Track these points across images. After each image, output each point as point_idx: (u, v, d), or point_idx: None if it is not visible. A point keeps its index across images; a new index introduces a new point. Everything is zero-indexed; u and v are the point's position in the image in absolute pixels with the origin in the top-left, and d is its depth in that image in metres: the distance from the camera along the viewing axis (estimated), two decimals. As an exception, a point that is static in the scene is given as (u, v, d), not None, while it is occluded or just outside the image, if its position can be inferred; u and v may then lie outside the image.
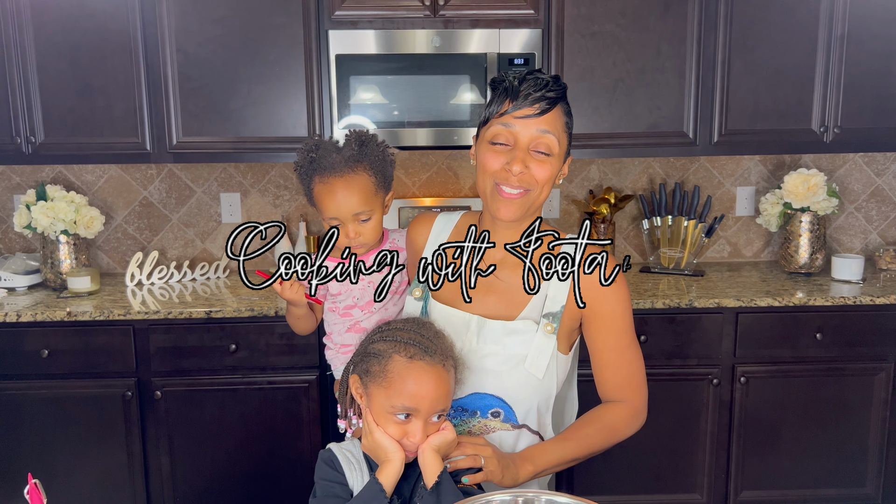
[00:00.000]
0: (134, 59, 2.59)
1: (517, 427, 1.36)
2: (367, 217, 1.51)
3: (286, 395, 2.53)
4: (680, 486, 2.67)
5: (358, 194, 1.48)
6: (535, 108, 1.25)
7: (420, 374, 1.16)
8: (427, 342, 1.20)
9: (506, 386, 1.33)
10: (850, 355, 2.58)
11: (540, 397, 1.35)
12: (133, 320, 2.47)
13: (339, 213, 1.49)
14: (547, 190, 1.31)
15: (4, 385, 2.48)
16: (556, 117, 1.28)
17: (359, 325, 1.62)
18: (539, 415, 1.37)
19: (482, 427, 1.36)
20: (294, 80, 2.62)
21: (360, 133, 1.53)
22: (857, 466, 2.66)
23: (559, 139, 1.29)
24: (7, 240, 3.04)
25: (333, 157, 1.49)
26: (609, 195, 2.96)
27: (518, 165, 1.26)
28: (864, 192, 3.13)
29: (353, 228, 1.51)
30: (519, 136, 1.27)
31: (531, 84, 1.26)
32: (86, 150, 2.65)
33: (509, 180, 1.27)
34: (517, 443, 1.37)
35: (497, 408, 1.35)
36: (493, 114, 1.30)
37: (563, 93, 1.29)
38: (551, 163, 1.29)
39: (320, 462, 1.24)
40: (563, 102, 1.30)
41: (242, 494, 2.58)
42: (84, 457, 2.53)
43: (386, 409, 1.17)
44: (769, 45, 2.66)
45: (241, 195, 3.04)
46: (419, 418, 1.16)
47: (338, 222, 1.51)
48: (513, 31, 2.58)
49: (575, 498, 0.93)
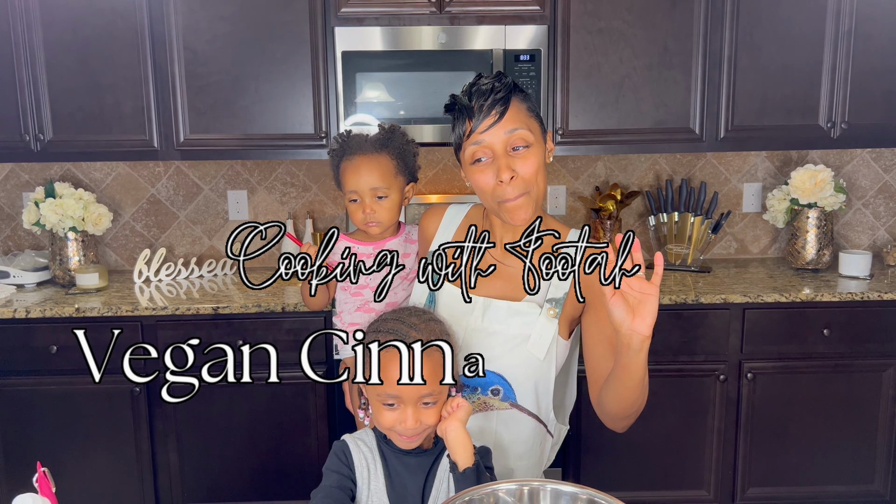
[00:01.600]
0: (142, 57, 2.60)
1: (514, 406, 1.39)
2: (384, 195, 1.67)
3: (293, 391, 2.54)
4: (687, 483, 2.66)
5: (378, 171, 1.65)
6: (494, 115, 1.29)
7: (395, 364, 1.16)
8: (407, 329, 1.19)
9: (507, 364, 1.37)
10: (857, 352, 2.58)
11: (539, 377, 1.38)
12: (141, 316, 2.48)
13: (358, 185, 1.66)
14: (541, 178, 1.34)
15: (14, 381, 2.50)
16: (516, 111, 1.31)
17: (368, 305, 1.72)
18: (537, 396, 1.39)
19: (481, 404, 1.40)
20: (301, 77, 2.63)
21: (390, 124, 1.73)
22: (865, 463, 2.65)
23: (529, 127, 1.32)
24: (16, 237, 3.06)
25: (362, 139, 1.68)
26: (615, 192, 2.95)
27: (505, 173, 1.29)
28: (872, 187, 3.12)
29: (369, 204, 1.66)
30: (493, 145, 1.30)
31: (479, 95, 1.30)
32: (94, 147, 2.66)
33: (506, 192, 1.30)
34: (512, 424, 1.40)
35: (497, 385, 1.38)
36: (461, 137, 1.34)
37: (510, 86, 1.32)
38: (533, 153, 1.31)
39: (331, 452, 1.25)
40: (516, 92, 1.33)
41: (250, 490, 2.59)
42: (93, 453, 2.55)
43: (375, 398, 1.20)
44: (776, 40, 2.65)
45: (249, 192, 3.05)
46: (406, 405, 1.17)
47: (356, 196, 1.66)
48: (519, 27, 2.58)
49: (580, 486, 0.94)
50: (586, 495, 0.94)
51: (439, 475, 1.23)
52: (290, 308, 2.49)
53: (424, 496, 1.22)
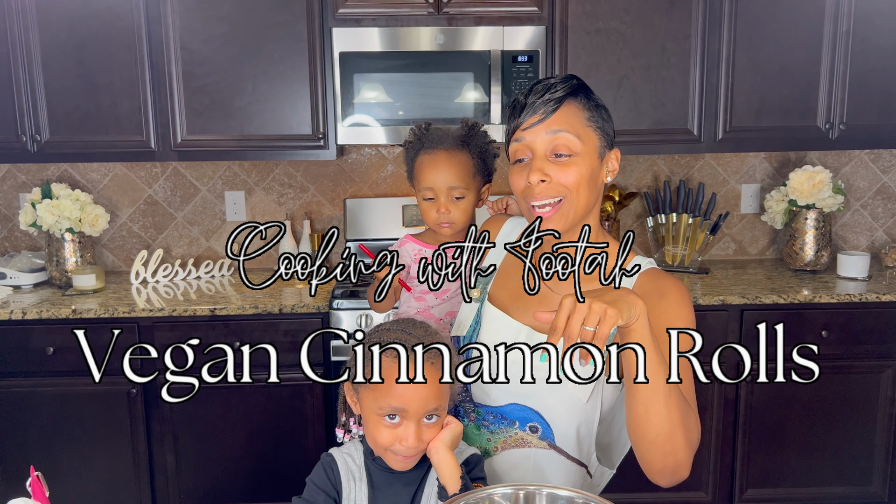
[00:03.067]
0: (138, 58, 2.59)
1: (552, 447, 1.28)
2: (462, 195, 1.59)
3: (291, 393, 2.53)
4: (685, 484, 2.64)
5: (457, 169, 1.57)
6: (541, 113, 1.20)
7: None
8: (413, 340, 1.14)
9: (546, 403, 1.26)
10: (856, 353, 2.57)
11: (581, 420, 1.26)
12: (138, 318, 2.47)
13: (435, 183, 1.58)
14: (585, 193, 1.21)
15: (10, 382, 2.49)
16: (569, 114, 1.20)
17: (429, 311, 1.65)
18: (579, 439, 1.27)
19: (518, 440, 1.29)
20: (298, 77, 2.62)
21: (472, 120, 1.64)
22: (863, 464, 2.65)
23: (580, 135, 1.20)
24: (13, 238, 3.05)
25: (443, 134, 1.60)
26: (613, 193, 2.95)
27: (535, 174, 1.18)
28: (870, 189, 3.11)
29: (444, 203, 1.58)
30: (533, 145, 1.21)
31: (536, 92, 1.22)
32: (91, 148, 2.66)
33: (535, 195, 1.20)
34: (548, 465, 1.28)
35: (535, 422, 1.28)
36: (509, 133, 1.26)
37: (573, 88, 1.22)
38: (577, 163, 1.19)
39: (318, 465, 1.21)
40: (579, 97, 1.22)
41: (247, 491, 2.59)
42: (89, 454, 2.54)
43: (374, 411, 1.12)
44: (774, 41, 2.65)
45: (246, 193, 3.05)
46: (409, 419, 1.11)
47: (432, 194, 1.59)
48: (517, 28, 2.57)
49: (576, 491, 0.93)
50: (582, 499, 0.93)
51: (427, 491, 1.18)
52: (287, 309, 2.48)
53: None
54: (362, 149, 3.04)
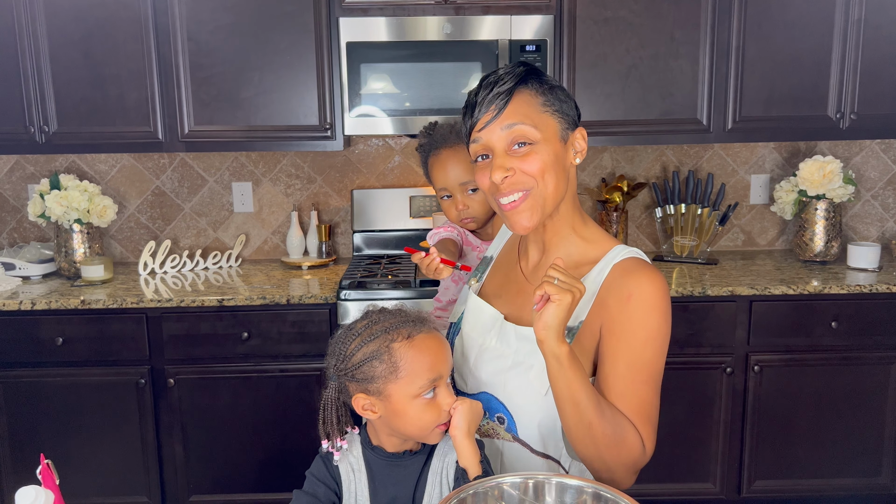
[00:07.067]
0: (145, 48, 2.59)
1: (516, 440, 1.25)
2: (475, 188, 1.60)
3: (298, 383, 2.54)
4: (693, 475, 2.65)
5: (465, 163, 1.59)
6: (493, 110, 1.16)
7: (428, 343, 1.13)
8: (410, 316, 1.16)
9: (508, 392, 1.23)
10: (865, 344, 2.56)
11: (543, 415, 1.21)
12: (146, 308, 2.48)
13: (447, 182, 1.61)
14: (552, 180, 1.17)
15: (20, 373, 2.51)
16: (521, 103, 1.16)
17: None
18: (541, 434, 1.23)
19: (490, 429, 1.28)
20: (305, 68, 2.62)
21: None
22: (871, 456, 2.64)
23: (536, 124, 1.16)
24: (21, 229, 3.06)
25: (445, 131, 1.62)
26: (622, 183, 2.94)
27: (497, 173, 1.15)
28: (881, 179, 3.09)
29: (461, 200, 1.61)
30: (490, 143, 1.17)
31: (485, 87, 1.18)
32: (98, 139, 2.66)
33: (501, 191, 1.18)
34: (516, 458, 1.26)
35: (501, 413, 1.25)
36: (467, 135, 1.22)
37: (521, 77, 1.17)
38: (537, 151, 1.16)
39: (317, 458, 1.21)
40: (529, 83, 1.18)
41: (255, 481, 2.60)
42: (98, 444, 2.56)
43: (412, 395, 1.11)
44: (784, 30, 2.63)
45: (253, 184, 3.04)
46: (442, 384, 1.13)
47: (447, 193, 1.61)
48: (524, 17, 2.56)
49: (585, 480, 0.93)
50: (591, 489, 0.93)
51: (431, 479, 1.16)
52: (294, 300, 2.48)
53: (416, 501, 1.17)
54: (369, 139, 3.03)
